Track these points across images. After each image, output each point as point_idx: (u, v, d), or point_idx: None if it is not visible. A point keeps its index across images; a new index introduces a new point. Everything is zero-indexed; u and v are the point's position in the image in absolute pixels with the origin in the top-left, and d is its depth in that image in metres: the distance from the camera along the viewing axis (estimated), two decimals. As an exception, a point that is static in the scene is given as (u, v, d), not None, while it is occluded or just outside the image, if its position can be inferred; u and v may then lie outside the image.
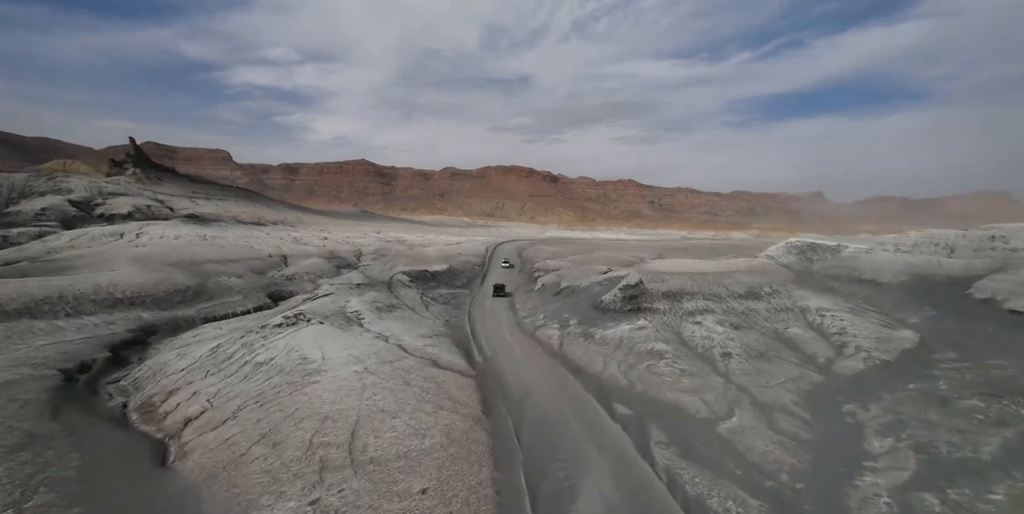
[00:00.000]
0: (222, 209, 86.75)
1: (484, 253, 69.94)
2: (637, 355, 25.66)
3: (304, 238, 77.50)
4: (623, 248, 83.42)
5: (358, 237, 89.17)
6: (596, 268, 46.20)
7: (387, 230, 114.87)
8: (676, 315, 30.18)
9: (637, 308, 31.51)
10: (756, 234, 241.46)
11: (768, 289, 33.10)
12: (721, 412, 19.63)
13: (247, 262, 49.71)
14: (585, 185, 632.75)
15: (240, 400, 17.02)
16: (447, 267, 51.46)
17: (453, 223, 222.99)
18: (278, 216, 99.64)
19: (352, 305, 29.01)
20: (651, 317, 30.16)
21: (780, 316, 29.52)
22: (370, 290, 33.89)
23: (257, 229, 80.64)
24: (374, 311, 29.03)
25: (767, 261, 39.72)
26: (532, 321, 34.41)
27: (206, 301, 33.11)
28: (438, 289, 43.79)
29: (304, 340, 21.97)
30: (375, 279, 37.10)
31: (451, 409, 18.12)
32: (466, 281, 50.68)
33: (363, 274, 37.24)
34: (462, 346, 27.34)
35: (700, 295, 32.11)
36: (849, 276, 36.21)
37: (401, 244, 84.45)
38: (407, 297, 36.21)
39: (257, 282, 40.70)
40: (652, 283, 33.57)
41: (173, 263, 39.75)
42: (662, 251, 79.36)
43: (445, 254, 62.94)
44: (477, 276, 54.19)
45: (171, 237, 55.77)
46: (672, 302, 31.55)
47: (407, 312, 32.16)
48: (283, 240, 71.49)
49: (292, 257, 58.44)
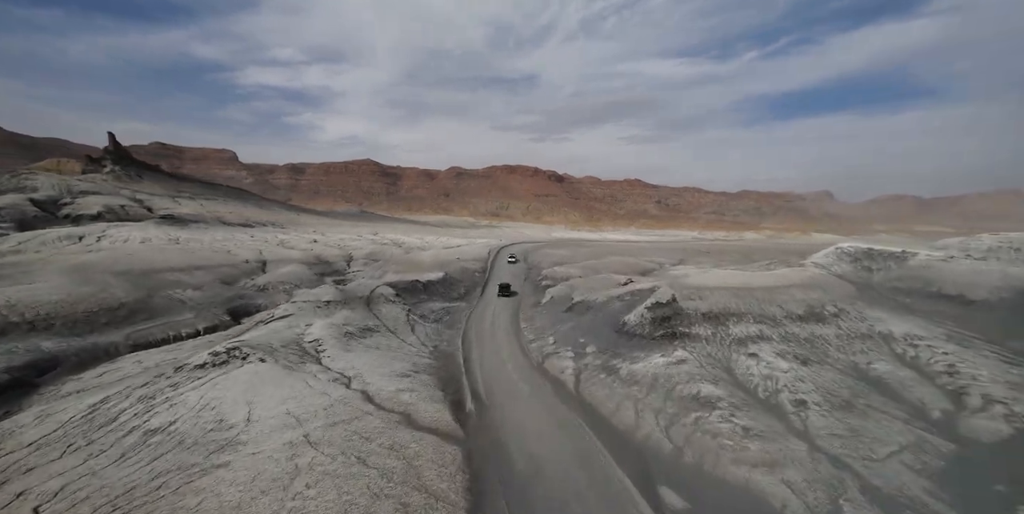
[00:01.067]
0: (207, 209, 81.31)
1: (486, 258, 63.87)
2: (679, 402, 19.47)
3: (292, 241, 71.86)
4: (637, 252, 77.07)
5: (352, 239, 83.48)
6: (613, 278, 40.00)
7: (385, 231, 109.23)
8: (723, 344, 23.91)
9: (671, 334, 25.27)
10: (770, 234, 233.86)
11: (832, 308, 26.73)
12: (820, 507, 13.43)
13: (216, 270, 43.97)
14: (591, 185, 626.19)
15: (92, 504, 11.06)
16: (442, 275, 45.42)
17: (456, 224, 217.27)
18: (269, 217, 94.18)
19: (313, 331, 23.04)
20: (691, 346, 23.92)
21: (857, 345, 23.17)
22: (342, 308, 27.91)
23: (242, 231, 75.10)
24: (341, 338, 23.04)
25: (819, 272, 33.29)
26: (540, 347, 28.27)
27: (143, 321, 27.31)
28: (430, 303, 37.75)
29: (229, 390, 16.00)
30: (351, 294, 31.09)
31: (423, 510, 12.08)
32: (464, 291, 44.60)
33: (336, 288, 31.16)
34: (450, 387, 21.25)
35: (750, 316, 25.82)
36: (925, 291, 29.71)
37: (397, 247, 78.67)
38: (389, 316, 30.18)
39: (219, 295, 34.86)
40: (688, 301, 27.32)
41: (120, 272, 34.06)
42: (682, 255, 72.91)
43: (442, 259, 56.94)
44: (477, 285, 48.11)
45: (136, 240, 50.21)
46: (715, 326, 25.28)
47: (386, 337, 26.12)
48: (267, 243, 65.83)
49: (272, 263, 52.73)
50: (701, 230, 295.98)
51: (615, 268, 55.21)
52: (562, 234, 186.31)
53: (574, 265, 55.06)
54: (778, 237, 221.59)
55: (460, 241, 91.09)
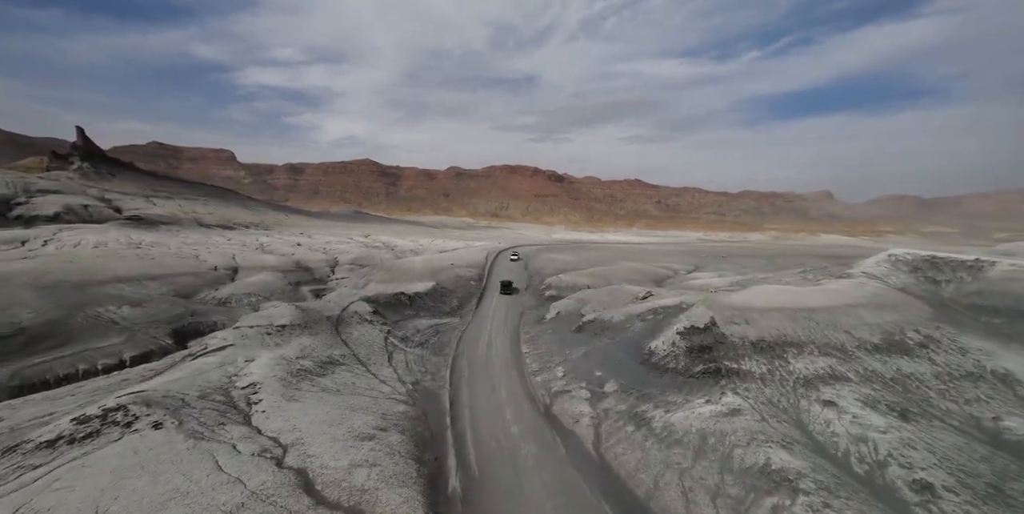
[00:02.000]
0: (185, 210, 75.76)
1: (483, 264, 58.39)
2: (743, 477, 14.01)
3: (273, 244, 66.35)
4: (647, 256, 71.64)
5: (340, 242, 78.01)
6: (628, 291, 34.55)
7: (378, 233, 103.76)
8: (785, 385, 18.47)
9: (715, 370, 19.83)
10: (775, 235, 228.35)
11: (915, 335, 21.30)
12: None
13: (174, 280, 38.47)
14: (591, 185, 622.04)
15: None
16: (432, 286, 39.91)
17: (454, 224, 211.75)
18: (254, 218, 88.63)
19: (252, 371, 17.55)
20: (743, 388, 18.47)
21: (968, 390, 17.73)
22: (301, 334, 22.43)
23: (220, 234, 69.58)
24: (289, 380, 17.58)
25: (879, 286, 27.85)
26: (547, 381, 22.80)
27: (48, 351, 21.84)
28: (415, 320, 32.26)
29: (74, 491, 10.56)
30: (316, 314, 25.55)
31: None
32: (457, 304, 39.10)
33: (297, 308, 25.49)
34: (429, 452, 15.78)
35: (812, 346, 20.39)
36: (1018, 309, 24.32)
37: (388, 250, 73.25)
38: (362, 341, 24.69)
39: (164, 312, 29.35)
40: (732, 325, 21.91)
41: (44, 286, 28.59)
42: (696, 260, 67.54)
43: (435, 266, 51.47)
44: (472, 296, 42.61)
45: (89, 245, 44.70)
46: (771, 359, 19.85)
47: (353, 372, 20.66)
48: (245, 248, 60.33)
49: (245, 270, 47.23)
50: (704, 231, 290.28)
51: (626, 276, 49.87)
52: (563, 235, 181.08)
53: (581, 272, 49.63)
54: (784, 238, 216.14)
55: (456, 244, 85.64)
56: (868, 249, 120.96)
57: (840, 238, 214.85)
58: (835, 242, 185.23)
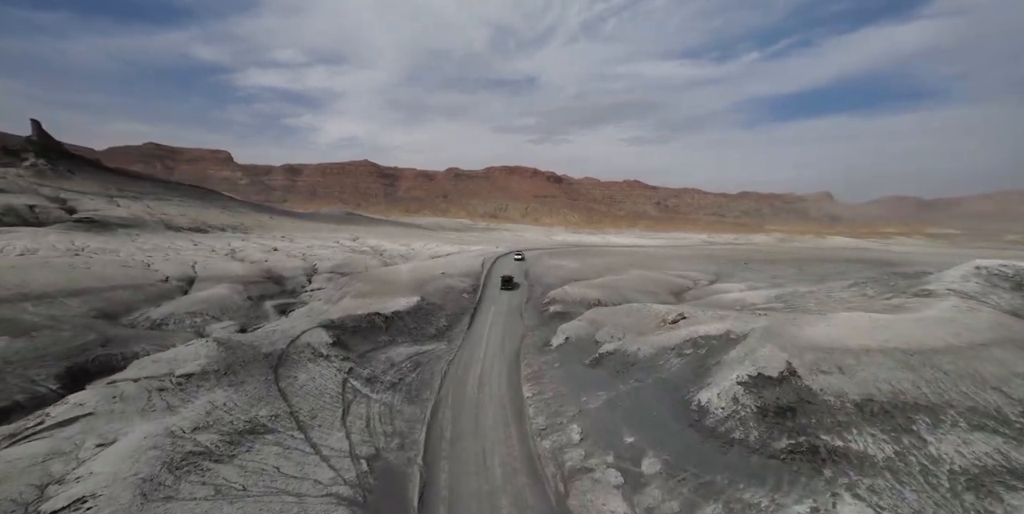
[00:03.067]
0: (153, 211, 69.23)
1: (478, 272, 52.01)
2: None
3: (246, 250, 59.88)
4: (658, 262, 65.32)
5: (323, 246, 71.54)
6: (653, 311, 28.14)
7: (368, 236, 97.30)
8: (935, 484, 12.11)
9: (809, 447, 13.51)
10: (780, 237, 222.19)
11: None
12: None
13: (105, 295, 32.00)
14: (590, 185, 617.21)
15: None
16: (416, 302, 33.47)
17: (450, 226, 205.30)
18: (233, 220, 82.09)
19: (95, 469, 10.86)
20: (865, 484, 12.10)
21: None
22: (215, 387, 16.00)
23: (188, 238, 63.08)
24: (157, 482, 11.11)
25: (991, 311, 21.58)
26: (558, 448, 16.44)
27: None
28: (391, 349, 25.83)
29: None
30: (248, 352, 19.10)
31: None
32: (445, 325, 32.64)
33: (216, 345, 18.89)
34: None
35: (953, 413, 14.09)
36: None
37: (376, 256, 66.81)
38: (309, 389, 18.30)
39: (63, 342, 22.86)
40: (819, 375, 15.60)
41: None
42: (713, 266, 61.18)
43: (422, 275, 45.04)
44: (464, 313, 36.16)
45: (14, 252, 38.20)
46: (895, 433, 13.55)
47: (281, 446, 14.27)
48: (212, 254, 53.84)
49: (202, 282, 40.82)
50: (708, 233, 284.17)
51: (641, 287, 43.55)
52: (563, 237, 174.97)
53: (589, 284, 43.25)
54: (790, 240, 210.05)
55: (450, 248, 79.26)
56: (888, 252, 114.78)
57: (846, 240, 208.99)
58: (843, 244, 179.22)
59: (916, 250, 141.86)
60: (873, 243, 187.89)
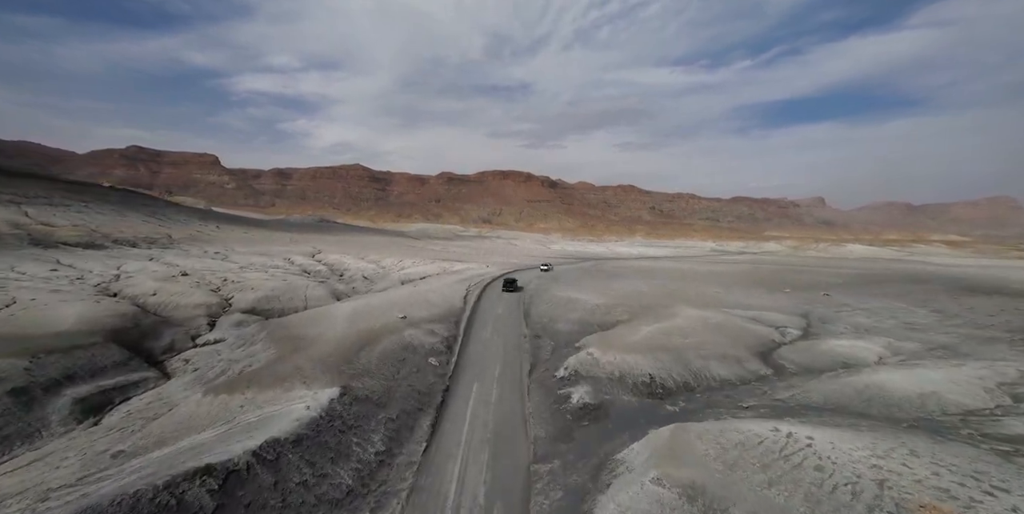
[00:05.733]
0: (29, 220, 52.40)
1: (459, 310, 35.76)
2: None
3: (139, 275, 42.51)
4: (696, 285, 49.69)
5: (264, 267, 54.49)
6: (812, 464, 12.22)
7: (333, 250, 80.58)
8: None
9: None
10: (793, 245, 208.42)
11: None
12: None
13: None
14: (585, 190, 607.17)
15: None
16: (326, 405, 17.13)
17: (438, 234, 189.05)
18: (151, 230, 65.19)
19: None
20: None
21: None
22: None
23: (55, 257, 45.42)
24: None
25: None
26: None
27: None
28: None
29: None
30: None
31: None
32: (382, 449, 16.12)
33: None
34: None
35: None
36: None
37: (327, 281, 50.21)
38: None
39: None
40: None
41: None
42: (788, 298, 45.47)
43: (367, 327, 28.25)
44: (425, 409, 19.87)
45: None
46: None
47: None
48: (72, 284, 36.71)
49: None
50: (714, 240, 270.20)
51: (711, 344, 27.07)
52: (562, 246, 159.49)
53: (628, 341, 26.86)
54: (805, 248, 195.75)
55: (428, 268, 62.79)
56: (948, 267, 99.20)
57: (866, 249, 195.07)
58: (871, 254, 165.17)
59: (970, 263, 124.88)
60: (898, 252, 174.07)
